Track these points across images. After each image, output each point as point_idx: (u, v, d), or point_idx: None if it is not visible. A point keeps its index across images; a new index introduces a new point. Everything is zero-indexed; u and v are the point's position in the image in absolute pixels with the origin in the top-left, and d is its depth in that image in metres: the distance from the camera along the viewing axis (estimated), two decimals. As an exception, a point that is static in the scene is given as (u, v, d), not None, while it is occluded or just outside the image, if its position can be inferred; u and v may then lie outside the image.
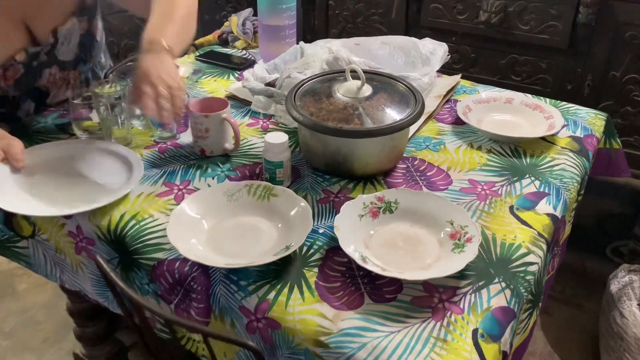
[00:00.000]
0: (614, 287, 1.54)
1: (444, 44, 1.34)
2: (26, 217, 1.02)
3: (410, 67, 1.29)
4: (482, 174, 1.04)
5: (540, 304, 0.90)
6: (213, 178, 1.01)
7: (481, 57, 1.69)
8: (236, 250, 0.84)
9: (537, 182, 1.02)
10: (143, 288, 0.89)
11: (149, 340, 0.94)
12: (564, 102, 1.31)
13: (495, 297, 0.78)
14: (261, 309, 0.77)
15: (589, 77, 1.53)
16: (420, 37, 1.37)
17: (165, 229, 0.87)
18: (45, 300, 1.84)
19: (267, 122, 1.21)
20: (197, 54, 1.55)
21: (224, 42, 1.64)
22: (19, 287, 1.90)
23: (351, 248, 0.81)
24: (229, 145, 1.08)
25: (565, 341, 1.66)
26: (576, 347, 1.65)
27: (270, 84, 1.27)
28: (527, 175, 1.04)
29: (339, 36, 1.92)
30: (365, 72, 1.05)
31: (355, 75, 1.03)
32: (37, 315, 1.79)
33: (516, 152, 1.11)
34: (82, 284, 1.02)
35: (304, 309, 0.75)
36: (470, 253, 0.79)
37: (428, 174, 1.05)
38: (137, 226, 0.90)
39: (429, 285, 0.79)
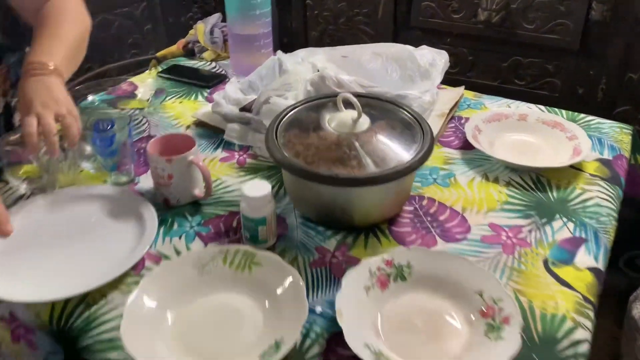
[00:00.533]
0: (636, 311, 1.40)
1: (444, 52, 1.16)
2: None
3: (407, 82, 1.11)
4: (504, 215, 0.88)
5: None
6: (180, 237, 0.83)
7: (480, 61, 1.51)
8: (212, 349, 0.65)
9: (570, 224, 0.86)
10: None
11: None
12: (583, 115, 1.15)
13: (546, 398, 0.61)
14: None
15: (602, 80, 1.37)
16: (410, 39, 1.19)
17: (121, 317, 0.69)
18: None
19: (244, 156, 1.03)
20: (160, 70, 1.35)
21: (190, 53, 1.44)
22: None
23: (360, 343, 0.63)
24: (199, 191, 0.90)
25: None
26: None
27: (246, 108, 1.08)
28: (558, 215, 0.87)
29: (319, 39, 1.73)
30: (358, 96, 0.87)
31: (347, 101, 0.85)
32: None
33: (539, 184, 0.95)
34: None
35: None
36: (512, 342, 0.63)
37: (440, 217, 0.87)
38: (87, 314, 0.71)
39: (461, 387, 0.62)
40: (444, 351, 0.65)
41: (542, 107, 1.17)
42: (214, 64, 1.40)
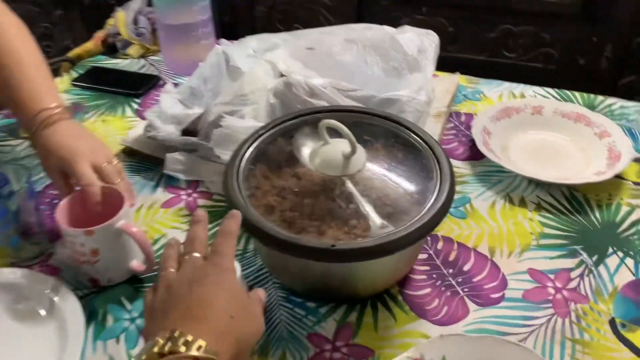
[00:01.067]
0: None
1: (432, 32, 0.94)
2: None
3: (393, 77, 0.87)
4: (543, 255, 0.68)
5: None
6: (117, 339, 0.59)
7: (463, 31, 1.29)
8: None
9: (629, 260, 0.66)
10: None
11: None
12: (601, 98, 0.96)
13: None
14: None
15: (607, 48, 1.17)
16: (378, 12, 0.97)
17: None
18: None
19: (194, 195, 0.78)
20: (74, 77, 1.06)
21: (111, 49, 1.15)
22: None
23: None
24: (137, 264, 0.65)
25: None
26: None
27: (190, 130, 0.83)
28: (610, 248, 0.68)
29: (267, 17, 1.45)
30: (343, 112, 0.65)
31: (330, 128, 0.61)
32: None
33: (575, 201, 0.75)
34: None
35: None
36: None
37: (464, 268, 0.67)
38: None
39: None
40: None
41: (551, 90, 0.97)
42: (142, 61, 1.12)
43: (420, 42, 0.91)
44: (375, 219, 0.56)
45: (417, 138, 0.66)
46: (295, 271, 0.61)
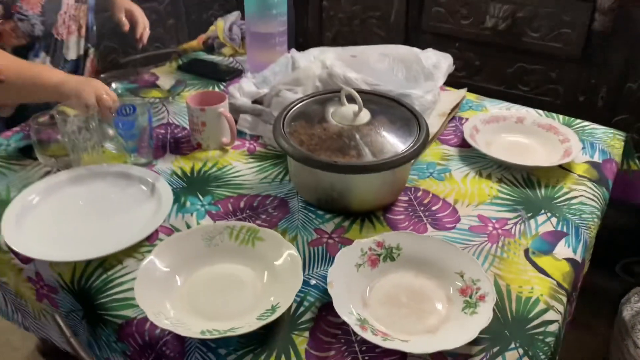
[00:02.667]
0: (626, 313, 1.44)
1: (449, 55, 1.23)
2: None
3: (412, 82, 1.17)
4: (492, 208, 0.94)
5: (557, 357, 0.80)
6: (192, 214, 0.90)
7: (486, 65, 1.57)
8: (215, 309, 0.73)
9: (553, 219, 0.91)
10: (111, 345, 0.78)
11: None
12: (579, 120, 1.21)
13: (512, 368, 0.67)
14: (243, 384, 0.66)
15: (603, 89, 1.42)
16: (421, 42, 1.26)
17: (134, 280, 0.76)
18: (20, 322, 1.73)
19: (254, 144, 1.10)
20: (180, 63, 1.43)
21: (209, 48, 1.52)
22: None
23: (348, 310, 0.70)
24: (226, 139, 1.07)
25: (574, 366, 1.57)
26: (585, 373, 1.56)
27: (258, 101, 1.15)
28: (543, 211, 0.93)
29: (333, 40, 1.80)
30: (361, 92, 0.94)
31: (350, 96, 0.92)
32: (13, 340, 1.68)
33: (529, 182, 1.01)
34: (47, 331, 0.91)
35: (292, 386, 0.65)
36: (484, 316, 0.69)
37: (433, 208, 0.94)
38: (105, 276, 0.79)
39: (437, 356, 0.68)
40: (424, 324, 0.72)
41: (540, 111, 1.23)
42: (231, 59, 1.48)
43: (437, 60, 1.20)
44: (367, 153, 0.86)
45: (411, 114, 0.95)
46: (311, 185, 0.90)
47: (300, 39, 1.83)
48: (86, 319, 0.80)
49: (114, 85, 1.25)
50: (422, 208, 0.94)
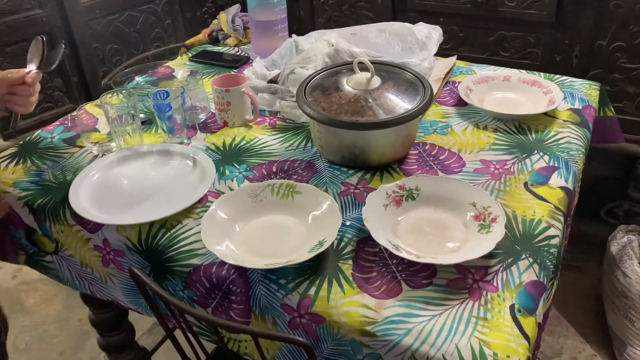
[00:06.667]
0: (614, 248, 1.60)
1: (438, 27, 1.36)
2: (47, 235, 1.02)
3: (408, 53, 1.30)
4: (492, 153, 1.08)
5: (559, 272, 0.94)
6: (232, 180, 1.03)
7: (470, 36, 1.71)
8: (270, 250, 0.86)
9: (546, 157, 1.05)
10: (177, 295, 0.91)
11: (185, 341, 0.95)
12: (558, 75, 1.35)
13: (525, 272, 0.81)
14: (304, 305, 0.79)
15: (576, 48, 1.57)
16: (407, 20, 1.39)
17: (196, 235, 0.89)
18: (56, 313, 1.84)
19: (274, 119, 1.23)
20: (190, 55, 1.55)
21: (214, 40, 1.63)
22: (27, 303, 1.89)
23: (383, 238, 0.83)
24: (249, 116, 1.18)
25: (571, 304, 1.72)
26: (582, 309, 1.71)
27: (272, 81, 1.28)
28: (536, 151, 1.07)
29: (325, 25, 1.92)
30: (369, 62, 1.07)
31: (361, 66, 1.05)
32: (50, 329, 1.78)
33: (521, 129, 1.14)
34: (113, 293, 1.03)
35: (346, 302, 0.78)
36: (498, 233, 0.83)
37: (440, 157, 1.07)
38: (168, 234, 0.91)
39: (461, 268, 0.82)
40: (447, 246, 0.85)
41: (523, 70, 1.37)
42: (236, 48, 1.59)
43: (428, 32, 1.34)
44: (381, 113, 0.99)
45: (415, 78, 1.08)
46: (335, 145, 1.03)
47: (294, 26, 1.95)
48: (153, 274, 0.92)
49: (136, 78, 1.36)
50: (431, 158, 1.07)
